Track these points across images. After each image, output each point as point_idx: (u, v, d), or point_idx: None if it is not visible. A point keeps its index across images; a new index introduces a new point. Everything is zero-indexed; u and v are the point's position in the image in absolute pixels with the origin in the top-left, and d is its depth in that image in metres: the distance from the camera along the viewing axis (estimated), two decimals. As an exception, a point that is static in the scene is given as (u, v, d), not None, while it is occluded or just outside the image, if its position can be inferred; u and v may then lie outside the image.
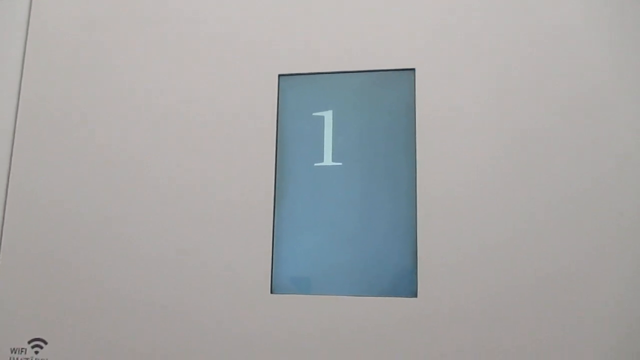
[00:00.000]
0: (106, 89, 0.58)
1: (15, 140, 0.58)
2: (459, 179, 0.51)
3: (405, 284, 0.50)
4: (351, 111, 0.54)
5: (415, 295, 0.50)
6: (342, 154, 0.53)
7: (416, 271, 0.50)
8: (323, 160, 0.54)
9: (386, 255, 0.51)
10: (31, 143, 0.58)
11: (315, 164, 0.54)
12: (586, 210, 0.49)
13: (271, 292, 0.52)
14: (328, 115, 0.54)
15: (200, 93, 0.56)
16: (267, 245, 0.52)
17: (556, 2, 0.52)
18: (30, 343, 0.54)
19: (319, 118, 0.54)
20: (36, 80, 0.59)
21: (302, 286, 0.52)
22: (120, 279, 0.54)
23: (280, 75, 0.55)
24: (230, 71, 0.56)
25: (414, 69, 0.53)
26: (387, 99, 0.54)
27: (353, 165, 0.53)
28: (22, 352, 0.54)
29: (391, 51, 0.54)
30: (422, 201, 0.51)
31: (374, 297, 0.50)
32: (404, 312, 0.49)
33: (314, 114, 0.55)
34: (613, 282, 0.47)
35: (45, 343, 0.54)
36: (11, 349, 0.55)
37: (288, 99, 0.55)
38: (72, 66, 0.59)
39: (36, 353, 0.54)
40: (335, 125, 0.54)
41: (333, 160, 0.53)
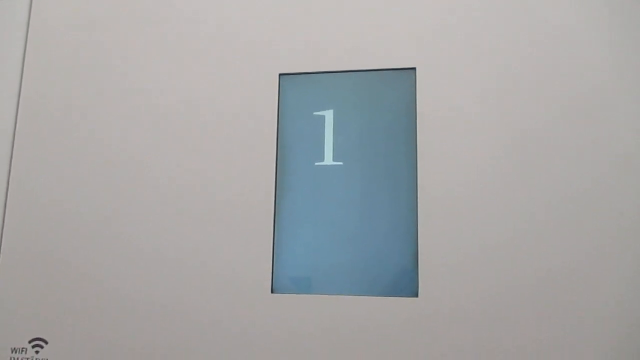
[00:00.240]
0: (106, 89, 0.58)
1: (16, 140, 0.58)
2: (459, 179, 0.51)
3: (406, 284, 0.50)
4: (352, 110, 0.54)
5: (416, 295, 0.50)
6: (343, 153, 0.53)
7: (417, 271, 0.50)
8: (324, 159, 0.54)
9: (387, 255, 0.51)
10: (31, 143, 0.58)
11: (316, 164, 0.54)
12: (586, 210, 0.49)
13: (271, 292, 0.52)
14: (329, 115, 0.54)
15: (201, 92, 0.56)
16: (268, 244, 0.52)
17: (556, 2, 0.52)
18: (30, 343, 0.54)
19: (319, 117, 0.54)
20: (36, 80, 0.59)
21: (303, 286, 0.52)
22: (120, 278, 0.54)
23: (280, 75, 0.55)
24: (231, 70, 0.56)
25: (414, 68, 0.53)
26: (388, 99, 0.54)
27: (354, 165, 0.53)
28: (23, 352, 0.54)
29: (392, 50, 0.54)
30: (423, 201, 0.51)
31: (374, 297, 0.50)
32: (405, 312, 0.49)
33: (314, 114, 0.55)
34: (613, 282, 0.47)
35: (46, 343, 0.54)
36: (12, 349, 0.54)
37: (289, 98, 0.55)
38: (72, 66, 0.59)
39: (37, 353, 0.54)
40: (335, 125, 0.54)
41: (334, 160, 0.53)
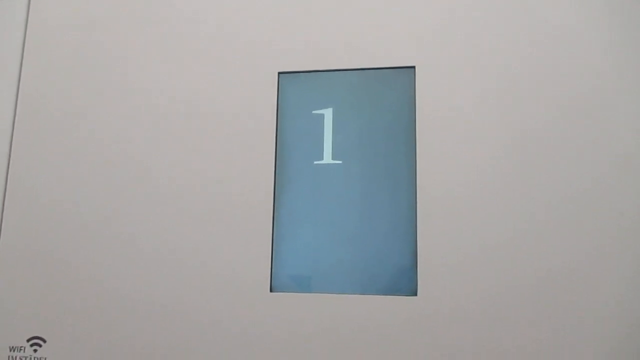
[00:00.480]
0: (105, 88, 0.58)
1: (14, 139, 0.58)
2: (459, 178, 0.50)
3: (405, 283, 0.50)
4: (351, 109, 0.54)
5: (415, 294, 0.50)
6: (342, 152, 0.53)
7: (416, 270, 0.50)
8: (323, 158, 0.54)
9: (386, 253, 0.51)
10: (30, 142, 0.58)
11: (315, 162, 0.54)
12: (586, 210, 0.49)
13: (270, 291, 0.52)
14: (328, 113, 0.54)
15: (200, 91, 0.56)
16: (267, 243, 0.52)
17: (556, 2, 0.52)
18: (29, 341, 0.54)
19: (318, 116, 0.54)
20: (35, 80, 0.59)
21: (302, 284, 0.52)
22: (119, 277, 0.54)
23: (280, 73, 0.55)
24: (230, 69, 0.56)
25: (414, 67, 0.53)
26: (387, 97, 0.54)
27: (353, 164, 0.53)
28: (21, 351, 0.54)
29: (391, 49, 0.54)
30: (422, 199, 0.51)
31: (373, 296, 0.50)
32: (404, 311, 0.49)
33: (313, 112, 0.55)
34: (613, 282, 0.47)
35: (44, 341, 0.54)
36: (10, 347, 0.54)
37: (288, 96, 0.55)
38: (71, 66, 0.59)
39: (35, 351, 0.54)
40: (335, 123, 0.54)
41: (333, 159, 0.53)
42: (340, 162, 0.53)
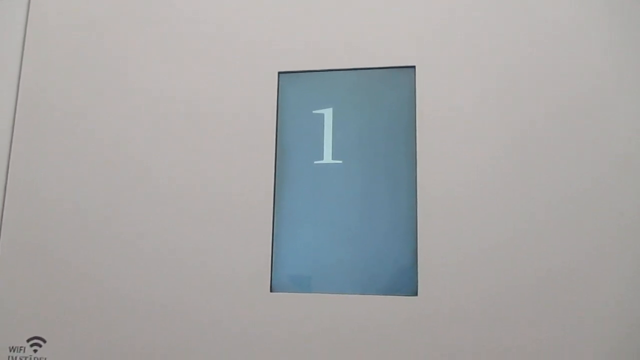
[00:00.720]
0: (104, 87, 0.58)
1: (14, 139, 0.58)
2: (459, 178, 0.50)
3: (405, 283, 0.50)
4: (351, 109, 0.54)
5: (415, 294, 0.49)
6: (342, 151, 0.53)
7: (416, 270, 0.50)
8: (323, 158, 0.54)
9: (386, 253, 0.51)
10: (30, 142, 0.58)
11: (315, 162, 0.54)
12: (586, 210, 0.48)
13: (271, 291, 0.52)
14: (328, 113, 0.54)
15: (200, 91, 0.56)
16: (267, 243, 0.52)
17: (556, 2, 0.52)
18: (29, 341, 0.54)
19: (318, 116, 0.54)
20: (35, 79, 0.59)
21: (302, 284, 0.52)
22: (118, 277, 0.54)
23: (280, 73, 0.55)
24: (230, 69, 0.56)
25: (414, 67, 0.53)
26: (388, 97, 0.54)
27: (353, 163, 0.53)
28: (21, 351, 0.54)
29: (391, 49, 0.54)
30: (423, 199, 0.51)
31: (373, 296, 0.50)
32: (404, 311, 0.49)
33: (314, 112, 0.55)
34: (613, 282, 0.47)
35: (44, 342, 0.54)
36: (10, 348, 0.54)
37: (288, 96, 0.55)
38: (71, 65, 0.59)
39: (35, 352, 0.54)
40: (335, 123, 0.54)
41: (333, 158, 0.53)
42: (340, 162, 0.53)
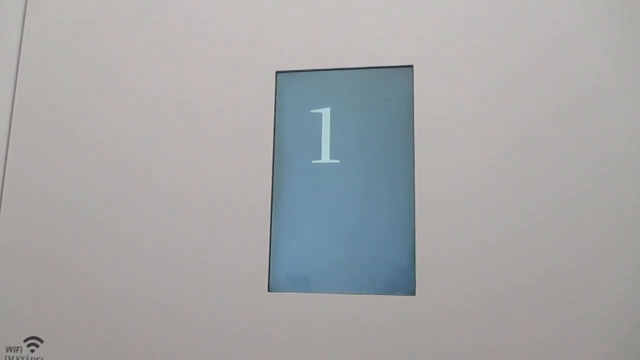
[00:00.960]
0: (101, 86, 0.58)
1: (11, 139, 0.58)
2: (457, 177, 0.50)
3: (403, 282, 0.50)
4: (349, 108, 0.54)
5: (413, 294, 0.49)
6: (340, 151, 0.53)
7: (414, 269, 0.50)
8: (321, 157, 0.53)
9: (384, 253, 0.51)
10: (28, 141, 0.58)
11: (313, 162, 0.54)
12: (586, 210, 0.48)
13: (268, 290, 0.52)
14: (326, 113, 0.54)
15: (198, 90, 0.56)
16: (265, 243, 0.52)
17: (556, 2, 0.52)
18: (26, 341, 0.54)
19: (316, 115, 0.54)
20: (32, 78, 0.59)
21: (300, 284, 0.52)
22: (116, 277, 0.54)
23: (277, 72, 0.55)
24: (228, 68, 0.56)
25: (412, 66, 0.53)
26: (385, 96, 0.54)
27: (351, 163, 0.53)
28: (18, 351, 0.54)
29: (389, 48, 0.54)
30: (420, 199, 0.51)
31: (371, 295, 0.50)
32: (402, 310, 0.49)
33: (311, 111, 0.55)
34: (613, 282, 0.47)
35: (41, 342, 0.54)
36: (7, 348, 0.54)
37: (286, 96, 0.55)
38: (69, 64, 0.59)
39: (32, 352, 0.54)
40: (333, 123, 0.54)
41: (331, 158, 0.53)
42: (338, 162, 0.53)
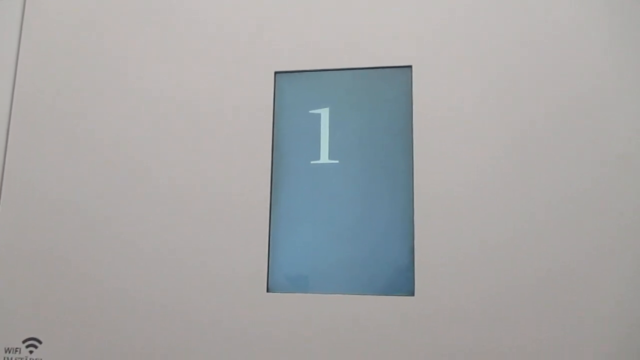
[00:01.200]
0: (100, 86, 0.58)
1: (10, 138, 0.58)
2: (456, 177, 0.50)
3: (402, 283, 0.50)
4: (348, 109, 0.54)
5: (412, 294, 0.49)
6: (339, 151, 0.53)
7: (413, 270, 0.50)
8: (319, 158, 0.53)
9: (383, 253, 0.51)
10: (27, 141, 0.58)
11: (312, 162, 0.54)
12: (586, 210, 0.48)
13: (267, 291, 0.51)
14: (325, 113, 0.54)
15: (197, 91, 0.56)
16: (264, 243, 0.52)
17: (556, 2, 0.52)
18: (24, 343, 0.54)
19: (315, 115, 0.54)
20: (31, 78, 0.59)
21: (299, 285, 0.52)
22: (115, 277, 0.54)
23: (276, 73, 0.55)
24: (227, 69, 0.56)
25: (410, 66, 0.53)
26: (384, 97, 0.54)
27: (350, 163, 0.53)
28: (17, 352, 0.54)
29: (388, 48, 0.54)
30: (419, 199, 0.51)
31: (370, 296, 0.50)
32: (401, 311, 0.49)
33: (310, 112, 0.55)
34: (613, 282, 0.47)
35: (40, 343, 0.54)
36: (5, 349, 0.54)
37: (284, 96, 0.55)
38: (69, 64, 0.59)
39: (30, 353, 0.54)
40: (331, 123, 0.54)
41: (330, 158, 0.53)
42: (337, 162, 0.53)
